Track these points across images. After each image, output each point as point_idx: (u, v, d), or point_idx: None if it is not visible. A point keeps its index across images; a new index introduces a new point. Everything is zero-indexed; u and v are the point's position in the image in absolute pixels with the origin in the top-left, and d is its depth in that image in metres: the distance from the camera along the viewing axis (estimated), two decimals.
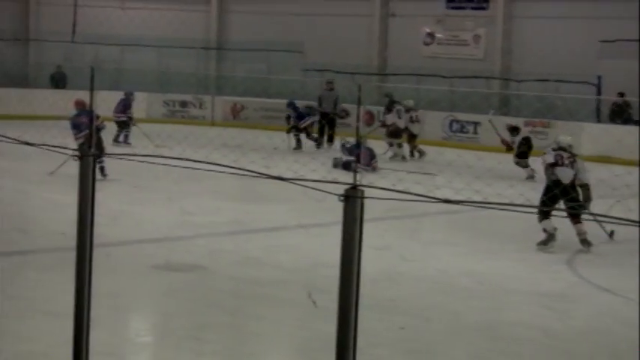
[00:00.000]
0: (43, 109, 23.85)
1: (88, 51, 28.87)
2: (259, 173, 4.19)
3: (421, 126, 21.23)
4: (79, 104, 14.79)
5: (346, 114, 23.55)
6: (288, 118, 21.68)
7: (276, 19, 28.33)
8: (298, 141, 21.05)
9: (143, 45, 28.22)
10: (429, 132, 22.89)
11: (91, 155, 4.33)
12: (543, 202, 10.75)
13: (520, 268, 9.99)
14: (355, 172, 3.74)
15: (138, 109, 22.88)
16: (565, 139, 11.54)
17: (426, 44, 27.03)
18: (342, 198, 3.51)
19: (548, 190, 10.93)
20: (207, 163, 4.78)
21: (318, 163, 16.21)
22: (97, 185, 4.46)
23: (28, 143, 4.80)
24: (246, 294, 8.45)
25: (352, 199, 3.49)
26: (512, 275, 9.68)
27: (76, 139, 14.21)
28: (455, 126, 24.25)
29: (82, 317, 4.33)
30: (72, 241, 9.74)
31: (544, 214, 10.69)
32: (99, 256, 4.63)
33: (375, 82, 26.21)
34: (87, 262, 4.38)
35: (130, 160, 4.95)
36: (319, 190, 3.71)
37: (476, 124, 23.41)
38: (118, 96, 20.71)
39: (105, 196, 9.66)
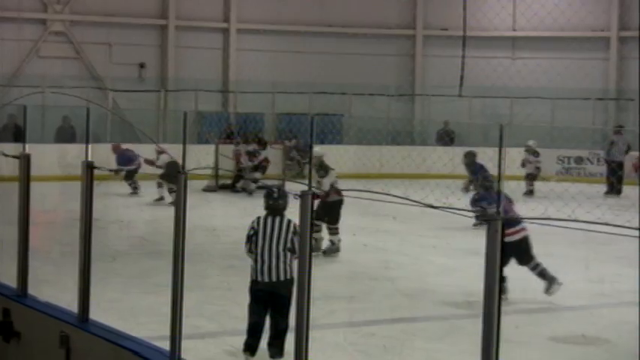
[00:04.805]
0: (426, 166, 24.71)
1: (475, 105, 29.51)
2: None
3: None
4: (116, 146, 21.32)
5: None
6: None
7: None
8: None
9: (534, 97, 28.30)
10: None
11: (498, 219, 4.42)
12: None
13: None
14: None
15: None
16: None
17: None
18: None
19: None
20: (601, 224, 4.67)
21: None
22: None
23: (432, 206, 5.01)
24: None
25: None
26: None
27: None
28: None
29: None
30: (463, 309, 10.01)
31: None
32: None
33: None
34: (494, 334, 4.46)
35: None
36: None
37: None
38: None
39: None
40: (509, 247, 11.14)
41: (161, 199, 19.50)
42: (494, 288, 4.54)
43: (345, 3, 30.66)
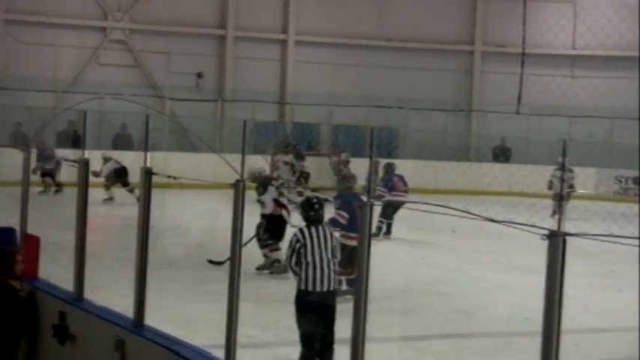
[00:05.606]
0: (484, 183, 24.55)
1: (532, 123, 29.28)
2: None
3: None
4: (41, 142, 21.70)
5: None
6: None
7: None
8: None
9: (593, 116, 28.00)
10: None
11: (561, 235, 4.37)
12: None
13: None
14: None
15: (585, 185, 22.73)
16: None
17: None
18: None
19: None
20: None
21: None
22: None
23: (492, 220, 4.97)
24: None
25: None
26: None
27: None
28: None
29: None
30: (518, 327, 9.91)
31: None
32: None
33: None
34: (553, 351, 4.41)
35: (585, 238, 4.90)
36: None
37: None
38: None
39: None
40: (350, 249, 11.23)
41: (110, 199, 20.27)
42: (555, 304, 4.48)
43: (405, 17, 30.65)
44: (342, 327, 6.08)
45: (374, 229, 16.43)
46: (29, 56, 27.18)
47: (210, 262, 13.12)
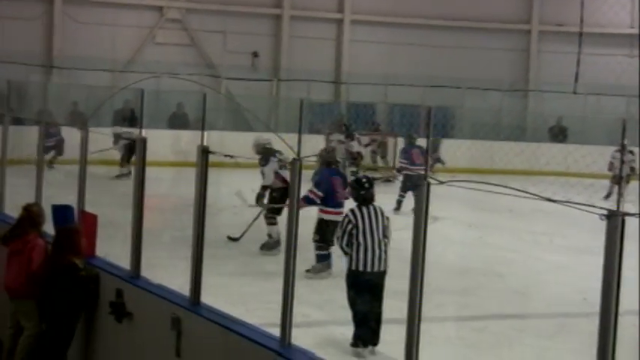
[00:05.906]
0: (539, 164, 24.32)
1: (590, 103, 28.90)
2: None
3: None
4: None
5: None
6: None
7: None
8: None
9: None
10: None
11: (620, 215, 4.32)
12: None
13: None
14: None
15: None
16: None
17: None
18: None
19: None
20: None
21: None
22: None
23: (550, 199, 4.93)
24: None
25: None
26: None
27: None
28: None
29: None
30: (574, 308, 9.82)
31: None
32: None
33: None
34: (611, 332, 4.37)
35: None
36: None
37: None
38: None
39: None
40: (327, 223, 11.16)
41: (129, 173, 19.30)
42: (613, 285, 4.44)
43: None
44: (398, 306, 6.07)
45: (394, 204, 16.52)
46: (87, 36, 27.41)
47: (229, 238, 13.24)
